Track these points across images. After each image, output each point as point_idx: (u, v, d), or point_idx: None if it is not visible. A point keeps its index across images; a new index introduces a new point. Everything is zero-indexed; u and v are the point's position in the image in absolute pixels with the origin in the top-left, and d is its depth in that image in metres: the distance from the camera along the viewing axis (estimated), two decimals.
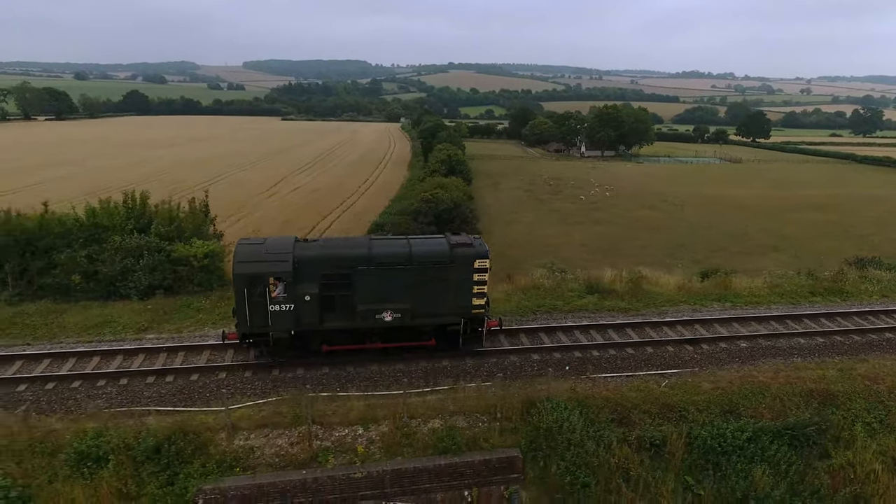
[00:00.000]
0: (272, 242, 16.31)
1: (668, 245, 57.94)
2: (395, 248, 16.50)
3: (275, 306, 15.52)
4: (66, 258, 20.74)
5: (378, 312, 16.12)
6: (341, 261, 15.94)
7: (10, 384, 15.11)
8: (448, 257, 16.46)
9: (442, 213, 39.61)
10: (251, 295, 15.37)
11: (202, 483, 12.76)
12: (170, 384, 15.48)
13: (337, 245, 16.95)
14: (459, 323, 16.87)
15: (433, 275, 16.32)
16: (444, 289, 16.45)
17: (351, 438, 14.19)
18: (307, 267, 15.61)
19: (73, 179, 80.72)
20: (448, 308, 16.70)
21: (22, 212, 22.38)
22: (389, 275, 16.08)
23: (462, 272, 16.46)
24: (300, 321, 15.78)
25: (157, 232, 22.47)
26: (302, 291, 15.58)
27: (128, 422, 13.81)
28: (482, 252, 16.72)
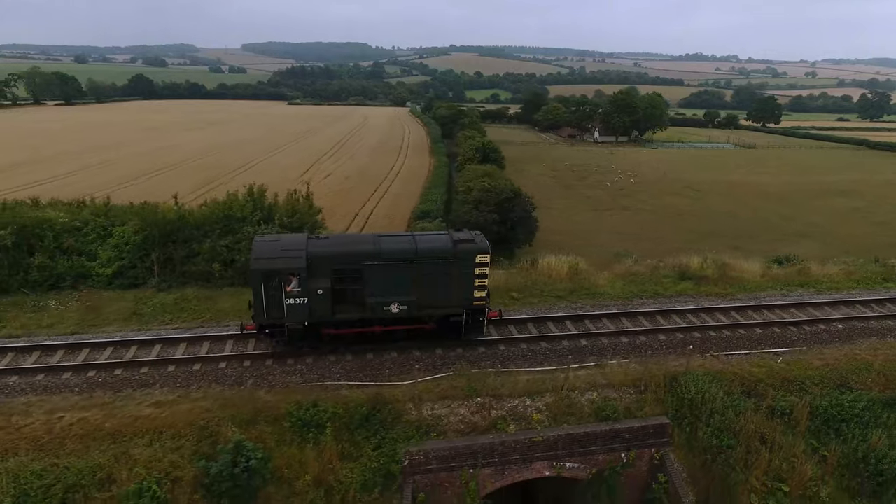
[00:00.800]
0: (287, 239, 17.47)
1: (699, 232, 59.76)
2: (402, 245, 17.40)
3: (290, 299, 16.45)
4: (207, 248, 22.48)
5: (386, 305, 17.13)
6: (351, 257, 16.90)
7: (218, 361, 17.02)
8: (451, 253, 17.38)
9: (503, 202, 41.20)
10: (268, 289, 16.30)
11: (406, 446, 14.71)
12: (350, 361, 17.38)
13: (347, 242, 18.00)
14: (462, 314, 17.91)
15: (437, 269, 17.23)
16: (447, 282, 17.39)
17: (521, 408, 16.15)
18: (320, 263, 16.51)
19: (115, 165, 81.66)
20: (451, 300, 17.68)
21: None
22: (396, 270, 16.99)
23: (464, 267, 17.41)
24: (313, 313, 16.76)
25: (281, 222, 24.18)
26: (315, 285, 16.50)
27: (325, 394, 15.72)
28: (483, 248, 17.69)
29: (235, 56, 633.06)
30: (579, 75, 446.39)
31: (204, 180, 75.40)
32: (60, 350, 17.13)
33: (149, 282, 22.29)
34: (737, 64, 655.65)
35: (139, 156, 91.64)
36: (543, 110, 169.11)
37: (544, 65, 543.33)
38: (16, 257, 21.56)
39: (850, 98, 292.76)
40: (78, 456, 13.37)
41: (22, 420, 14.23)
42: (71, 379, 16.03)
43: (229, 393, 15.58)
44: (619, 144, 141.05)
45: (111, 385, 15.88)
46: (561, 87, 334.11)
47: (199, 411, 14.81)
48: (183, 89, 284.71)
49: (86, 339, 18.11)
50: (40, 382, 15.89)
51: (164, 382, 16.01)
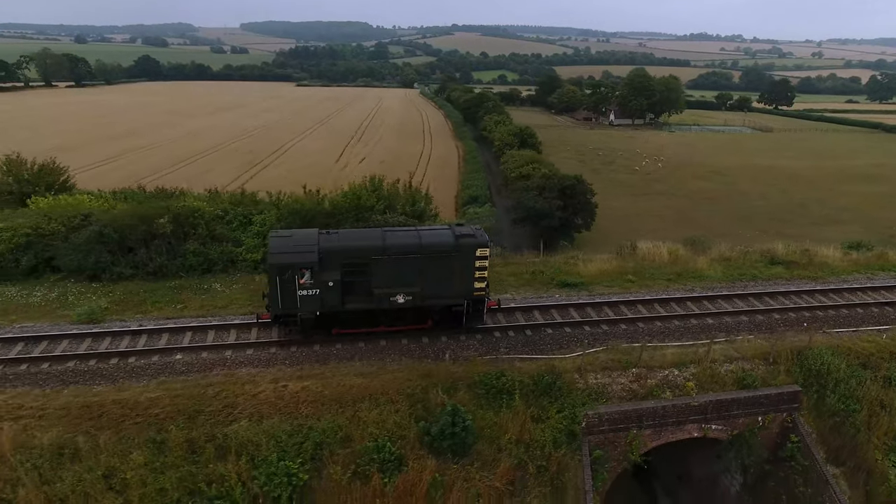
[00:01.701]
0: (299, 235, 18.36)
1: (736, 216, 61.75)
2: (407, 239, 18.25)
3: (303, 291, 17.36)
4: None
5: (392, 295, 17.96)
6: (360, 251, 17.76)
7: (400, 337, 19.16)
8: (453, 247, 18.18)
9: (566, 189, 42.99)
10: (283, 281, 17.19)
11: (584, 410, 16.87)
12: (513, 337, 19.50)
13: (355, 237, 18.84)
14: (463, 304, 18.82)
15: (440, 262, 18.07)
16: (449, 274, 18.22)
17: (672, 377, 18.32)
18: (330, 257, 17.40)
19: (154, 150, 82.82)
20: (453, 291, 18.52)
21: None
22: (402, 263, 17.83)
23: (465, 260, 18.21)
24: (324, 304, 17.66)
25: (404, 211, 26.06)
26: (326, 278, 17.38)
27: (503, 366, 17.80)
28: (483, 242, 18.48)
29: (235, 36, 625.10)
30: (585, 56, 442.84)
31: (243, 165, 76.89)
32: (254, 328, 19.16)
33: None
34: (742, 44, 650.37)
35: (173, 141, 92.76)
36: (558, 93, 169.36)
37: (548, 45, 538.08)
38: (172, 244, 23.48)
39: (859, 80, 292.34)
40: (316, 418, 15.51)
41: (253, 388, 16.34)
42: (278, 353, 18.08)
43: (420, 365, 17.70)
44: (635, 127, 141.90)
45: (316, 358, 17.96)
46: (568, 68, 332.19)
47: (401, 381, 16.93)
48: (189, 70, 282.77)
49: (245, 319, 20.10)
50: (250, 357, 17.92)
51: (361, 356, 18.09)
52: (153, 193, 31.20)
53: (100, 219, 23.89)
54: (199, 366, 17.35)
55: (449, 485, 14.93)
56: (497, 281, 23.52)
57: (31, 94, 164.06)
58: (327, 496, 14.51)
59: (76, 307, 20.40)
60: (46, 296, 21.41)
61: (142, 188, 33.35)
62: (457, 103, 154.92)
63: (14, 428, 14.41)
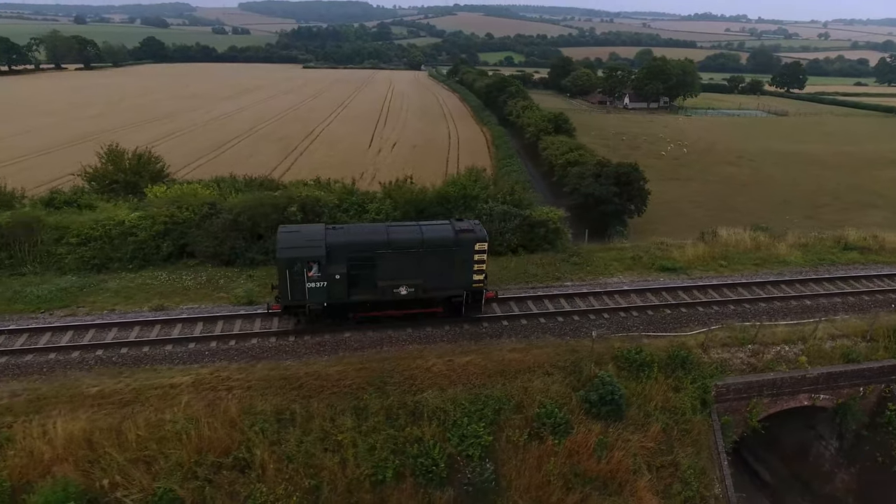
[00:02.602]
0: (307, 230, 19.29)
1: (771, 202, 63.31)
2: (410, 235, 19.11)
3: (311, 283, 18.28)
4: None
5: (396, 287, 18.94)
6: (365, 246, 18.66)
7: (519, 319, 20.99)
8: (453, 242, 19.10)
9: (621, 176, 44.58)
10: (292, 274, 18.08)
11: (713, 381, 18.86)
12: (635, 316, 21.41)
13: (360, 232, 19.65)
14: (462, 295, 19.84)
15: (441, 256, 19.00)
16: (449, 267, 19.16)
17: (783, 353, 20.30)
18: (337, 251, 18.31)
19: (188, 136, 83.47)
20: (453, 283, 19.53)
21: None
22: (405, 256, 18.76)
23: (465, 254, 19.17)
24: (331, 295, 18.63)
25: (504, 199, 27.74)
26: (333, 271, 18.32)
27: (636, 343, 19.71)
28: (482, 237, 19.43)
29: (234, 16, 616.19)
30: (590, 37, 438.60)
31: (281, 149, 77.96)
32: None
33: None
34: (747, 24, 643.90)
35: (204, 125, 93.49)
36: (572, 76, 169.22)
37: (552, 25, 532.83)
38: None
39: (867, 61, 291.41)
40: (489, 388, 17.45)
41: (424, 363, 18.24)
42: (434, 332, 19.97)
43: (563, 342, 19.63)
44: (651, 111, 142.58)
45: (470, 336, 19.87)
46: (573, 49, 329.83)
47: (551, 355, 18.86)
48: (194, 52, 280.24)
49: None
50: (412, 334, 19.81)
51: (508, 335, 20.00)
52: (253, 181, 32.78)
53: (225, 207, 25.57)
54: (369, 342, 19.25)
55: (611, 445, 16.96)
56: (603, 265, 25.43)
57: (44, 78, 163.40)
58: (507, 455, 16.50)
59: (231, 290, 22.24)
60: (196, 279, 23.19)
61: (233, 176, 34.88)
62: (472, 86, 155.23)
63: (232, 397, 16.33)
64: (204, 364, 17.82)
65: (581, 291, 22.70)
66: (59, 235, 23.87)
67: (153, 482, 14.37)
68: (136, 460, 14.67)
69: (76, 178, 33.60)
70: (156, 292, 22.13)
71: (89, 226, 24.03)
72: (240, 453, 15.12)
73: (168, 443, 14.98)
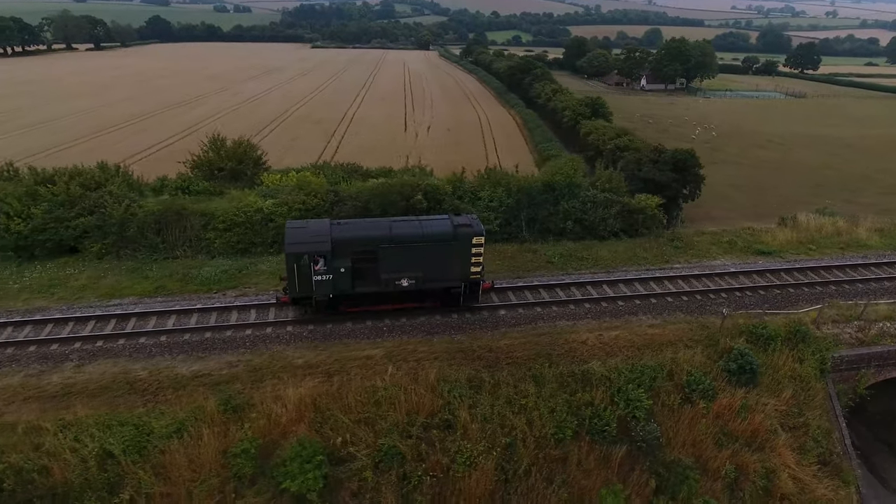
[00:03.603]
0: (313, 225, 20.10)
1: (806, 185, 65.01)
2: (411, 229, 19.97)
3: (317, 276, 19.20)
4: (567, 208, 28.00)
5: (397, 280, 19.91)
6: (368, 240, 19.55)
7: (648, 298, 23.10)
8: (452, 236, 19.98)
9: (678, 163, 46.26)
10: (300, 268, 18.99)
11: (829, 353, 21.04)
12: (750, 296, 23.53)
13: (364, 227, 20.45)
14: (461, 286, 20.85)
15: (440, 250, 19.91)
16: (448, 260, 20.11)
17: (885, 328, 22.48)
18: (342, 246, 19.22)
19: (226, 118, 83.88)
20: (452, 275, 20.49)
21: None
22: (406, 250, 19.66)
23: (463, 247, 20.09)
24: (337, 287, 19.56)
25: (603, 187, 29.61)
26: (338, 265, 19.22)
27: (750, 320, 21.85)
28: (479, 231, 20.35)
29: None
30: (597, 15, 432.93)
31: (322, 134, 78.98)
32: (529, 290, 23.08)
33: (519, 236, 28.00)
34: (754, 1, 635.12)
35: (235, 108, 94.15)
36: (588, 57, 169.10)
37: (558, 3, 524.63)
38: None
39: (877, 41, 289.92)
40: (642, 359, 19.60)
41: (578, 337, 20.38)
42: (577, 310, 22.05)
43: (694, 318, 21.77)
44: (669, 93, 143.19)
45: (611, 314, 21.98)
46: (581, 28, 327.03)
47: (685, 331, 21.03)
48: (199, 31, 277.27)
49: (535, 281, 24.12)
50: (558, 312, 21.90)
51: (645, 312, 22.11)
52: (349, 166, 34.53)
53: (348, 194, 27.40)
54: (523, 319, 21.37)
55: (751, 408, 19.20)
56: (704, 249, 27.46)
57: (59, 59, 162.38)
58: (664, 416, 18.73)
59: None
60: None
61: (325, 162, 36.55)
62: (489, 68, 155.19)
63: (429, 367, 18.44)
64: (385, 339, 19.92)
65: (693, 273, 24.83)
66: (205, 221, 25.72)
67: (377, 439, 16.55)
68: (359, 421, 16.83)
69: (180, 165, 35.18)
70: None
71: (233, 212, 25.86)
72: (444, 415, 17.30)
73: (382, 406, 17.14)
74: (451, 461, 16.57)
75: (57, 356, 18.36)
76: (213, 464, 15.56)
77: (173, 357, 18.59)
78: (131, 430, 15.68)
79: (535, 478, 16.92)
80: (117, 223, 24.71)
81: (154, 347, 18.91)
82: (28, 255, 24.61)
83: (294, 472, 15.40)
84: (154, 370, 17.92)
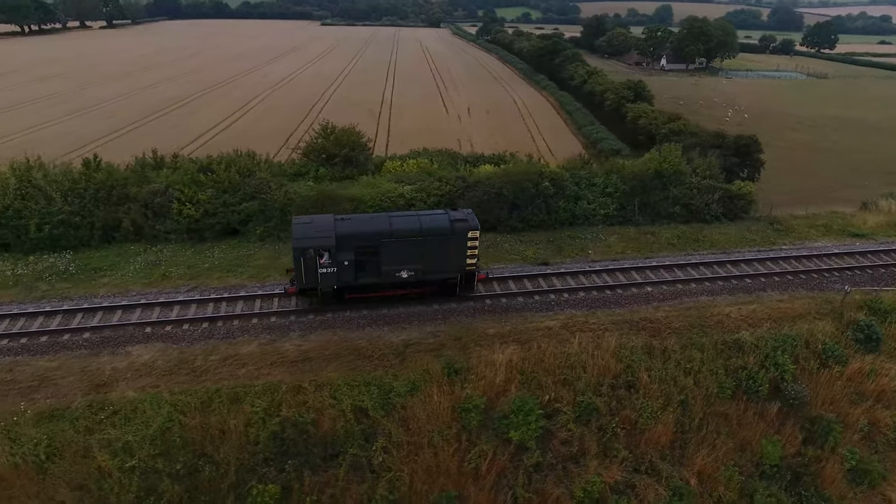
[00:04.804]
0: (318, 221, 21.16)
1: (843, 168, 67.08)
2: (410, 224, 21.13)
3: (323, 269, 20.37)
4: (676, 193, 30.38)
5: (398, 272, 21.12)
6: (370, 235, 20.65)
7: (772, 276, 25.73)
8: (449, 230, 21.07)
9: (741, 148, 48.45)
10: (306, 262, 20.12)
11: None
12: (859, 274, 26.17)
13: (366, 222, 21.59)
14: (457, 277, 22.12)
15: (438, 243, 21.04)
16: (445, 253, 21.26)
17: None
18: (345, 240, 20.38)
19: (273, 100, 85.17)
20: (449, 267, 21.67)
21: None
22: (406, 244, 20.79)
23: (459, 241, 21.24)
24: (341, 279, 20.75)
25: (703, 175, 31.94)
26: (342, 258, 20.36)
27: (871, 295, 24.50)
28: (474, 226, 21.48)
29: None
30: None
31: (368, 116, 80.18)
32: (664, 269, 25.66)
33: (633, 220, 30.44)
34: None
35: (272, 90, 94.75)
36: (608, 36, 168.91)
37: None
38: (548, 202, 29.36)
39: (890, 18, 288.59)
40: (778, 329, 22.27)
41: (721, 310, 23.03)
42: (713, 286, 24.63)
43: (814, 294, 24.43)
44: (691, 73, 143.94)
45: (743, 289, 24.59)
46: (592, 4, 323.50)
47: (809, 306, 23.70)
48: (207, 8, 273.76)
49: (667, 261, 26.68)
50: (695, 289, 24.50)
51: (771, 288, 24.72)
52: (456, 154, 36.68)
53: (475, 180, 29.66)
54: (669, 295, 23.98)
55: (877, 371, 21.98)
56: (803, 232, 30.00)
57: (78, 37, 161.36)
58: (804, 379, 21.48)
59: (520, 253, 26.73)
60: None
61: (425, 149, 38.68)
62: (510, 47, 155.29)
63: (599, 335, 21.08)
64: (557, 312, 22.55)
65: (801, 254, 27.39)
66: (354, 206, 28.02)
67: (575, 397, 19.26)
68: (558, 382, 19.53)
69: (293, 153, 37.25)
70: None
71: (379, 198, 28.17)
72: (626, 377, 20.00)
73: (575, 369, 19.81)
74: (637, 415, 19.33)
75: (279, 327, 20.93)
76: (446, 417, 18.25)
77: (380, 328, 21.17)
78: (376, 389, 18.34)
79: (706, 430, 19.73)
80: (279, 208, 27.01)
81: (360, 319, 21.47)
82: (199, 238, 26.96)
83: (518, 424, 18.13)
84: (371, 339, 20.53)
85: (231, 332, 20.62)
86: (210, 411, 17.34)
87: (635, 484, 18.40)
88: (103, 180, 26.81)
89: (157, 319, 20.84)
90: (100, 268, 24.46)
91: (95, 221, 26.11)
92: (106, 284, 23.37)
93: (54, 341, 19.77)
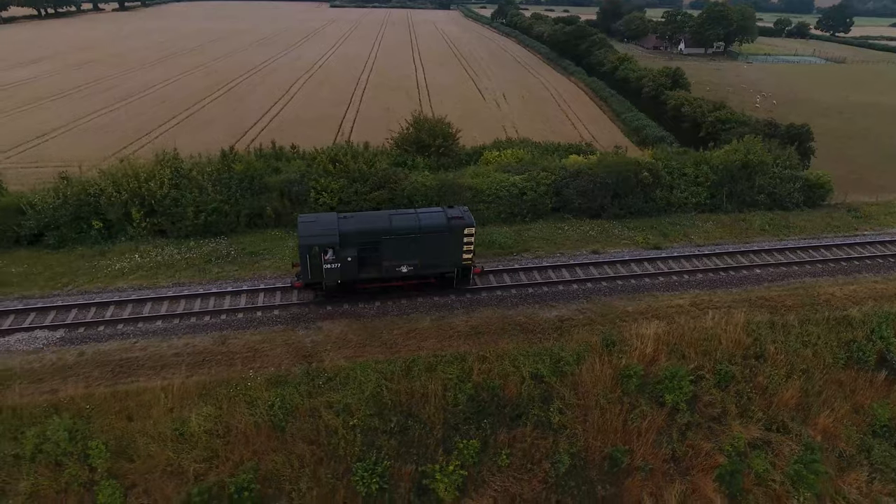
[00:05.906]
0: (323, 219, 22.35)
1: (878, 155, 69.33)
2: (409, 222, 22.33)
3: (327, 265, 21.54)
4: (762, 182, 32.71)
5: (398, 267, 22.42)
6: (371, 233, 21.98)
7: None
8: (446, 227, 22.21)
9: (794, 137, 50.60)
10: (311, 258, 21.32)
11: None
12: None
13: (368, 220, 22.71)
14: (454, 271, 23.40)
15: (435, 239, 22.29)
16: (443, 249, 22.53)
17: None
18: (348, 238, 21.63)
19: (313, 87, 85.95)
20: (446, 262, 22.98)
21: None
22: (405, 241, 22.07)
23: (455, 237, 22.55)
24: (344, 274, 21.96)
25: (784, 164, 34.24)
26: (345, 254, 21.55)
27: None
28: (470, 223, 22.73)
29: None
30: None
31: (410, 103, 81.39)
32: (766, 253, 28.11)
33: (722, 207, 32.83)
34: None
35: (310, 76, 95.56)
36: (625, 19, 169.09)
37: None
38: (645, 191, 31.70)
39: None
40: (880, 307, 24.84)
41: (825, 290, 25.57)
42: (797, 269, 27.18)
43: (884, 277, 27.01)
44: (710, 57, 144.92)
45: (841, 272, 27.11)
46: None
47: (872, 290, 26.18)
48: None
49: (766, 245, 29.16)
50: (786, 272, 27.03)
51: (867, 270, 27.24)
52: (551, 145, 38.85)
53: (578, 170, 31.91)
54: (776, 276, 26.48)
55: None
56: (882, 218, 32.40)
57: (95, 20, 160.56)
58: None
59: (630, 238, 29.17)
60: (586, 232, 29.94)
61: (508, 139, 40.77)
62: (530, 31, 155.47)
63: (726, 312, 23.64)
64: (683, 292, 25.09)
65: (885, 239, 29.85)
66: (472, 195, 30.31)
67: (714, 365, 21.88)
68: (699, 352, 22.14)
69: (385, 142, 39.34)
70: (568, 239, 29.00)
71: (495, 187, 30.46)
72: (755, 349, 22.62)
73: (711, 342, 22.40)
74: (767, 382, 21.99)
75: (445, 305, 23.49)
76: (608, 382, 20.88)
77: (531, 306, 23.70)
78: (548, 358, 20.92)
79: (825, 394, 22.43)
80: (407, 196, 29.29)
81: (513, 298, 23.98)
82: None
83: (671, 388, 20.77)
84: (528, 315, 23.09)
85: (403, 309, 23.13)
86: (411, 378, 19.91)
87: (771, 440, 21.12)
88: (244, 171, 29.00)
89: None
90: (256, 251, 26.84)
91: (242, 209, 28.39)
92: (269, 266, 25.78)
93: (249, 318, 22.24)
